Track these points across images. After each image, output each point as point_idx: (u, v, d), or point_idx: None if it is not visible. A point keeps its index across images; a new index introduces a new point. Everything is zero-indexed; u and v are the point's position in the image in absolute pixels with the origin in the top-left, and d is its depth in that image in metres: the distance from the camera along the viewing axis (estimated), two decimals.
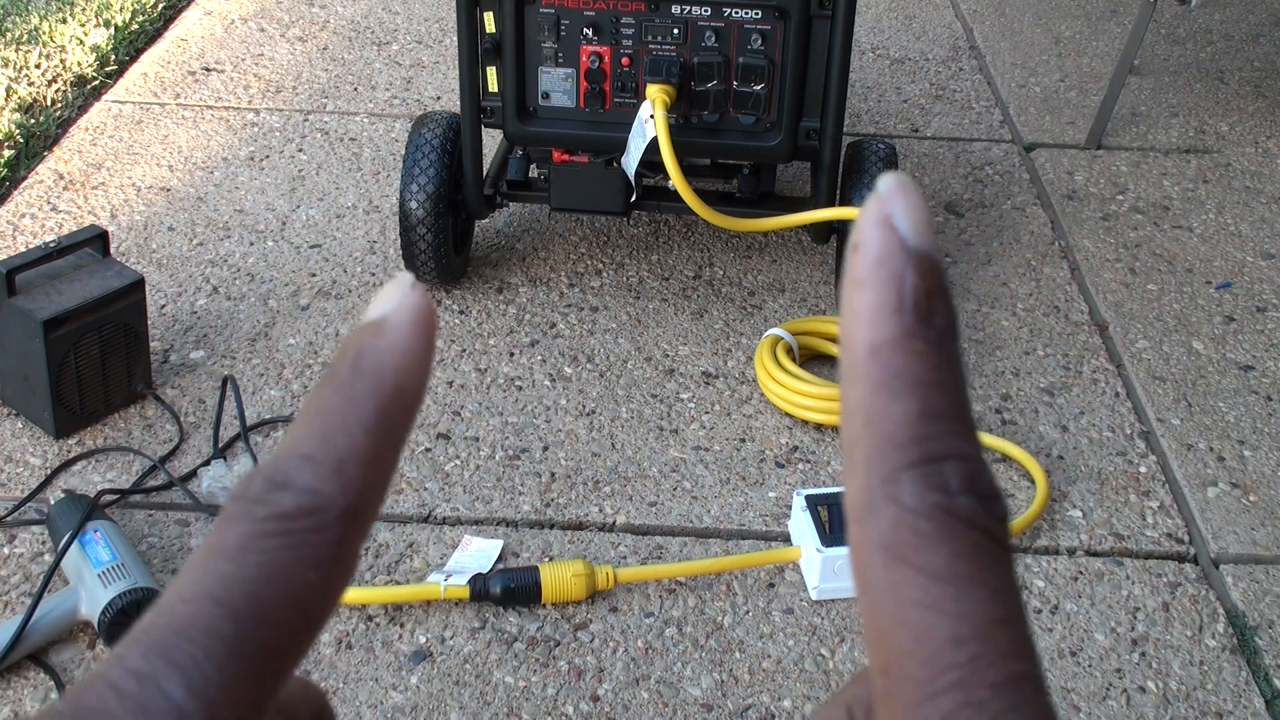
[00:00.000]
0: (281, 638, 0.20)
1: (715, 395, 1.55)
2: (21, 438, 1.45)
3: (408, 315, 0.22)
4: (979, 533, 0.20)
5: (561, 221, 1.90)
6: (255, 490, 0.21)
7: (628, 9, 1.51)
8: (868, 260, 0.21)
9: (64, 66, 2.29)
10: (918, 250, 0.22)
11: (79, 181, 1.97)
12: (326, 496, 0.21)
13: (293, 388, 1.54)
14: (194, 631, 0.19)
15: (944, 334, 0.21)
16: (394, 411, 0.22)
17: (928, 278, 0.21)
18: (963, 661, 0.19)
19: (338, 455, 0.21)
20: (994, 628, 0.19)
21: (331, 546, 0.21)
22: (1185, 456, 1.49)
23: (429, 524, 1.35)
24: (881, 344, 0.21)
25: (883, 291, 0.21)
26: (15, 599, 1.24)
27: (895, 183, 0.22)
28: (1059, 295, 1.78)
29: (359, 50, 2.47)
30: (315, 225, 1.88)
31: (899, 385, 0.21)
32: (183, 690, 0.19)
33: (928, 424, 0.20)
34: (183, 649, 0.19)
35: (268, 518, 0.21)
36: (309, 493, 0.21)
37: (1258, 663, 1.23)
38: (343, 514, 0.21)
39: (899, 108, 2.32)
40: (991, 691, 0.19)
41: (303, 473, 0.21)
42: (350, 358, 0.22)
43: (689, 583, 1.29)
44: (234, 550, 0.21)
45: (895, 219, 0.22)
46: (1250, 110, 2.35)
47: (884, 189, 0.22)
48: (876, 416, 0.21)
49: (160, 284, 1.73)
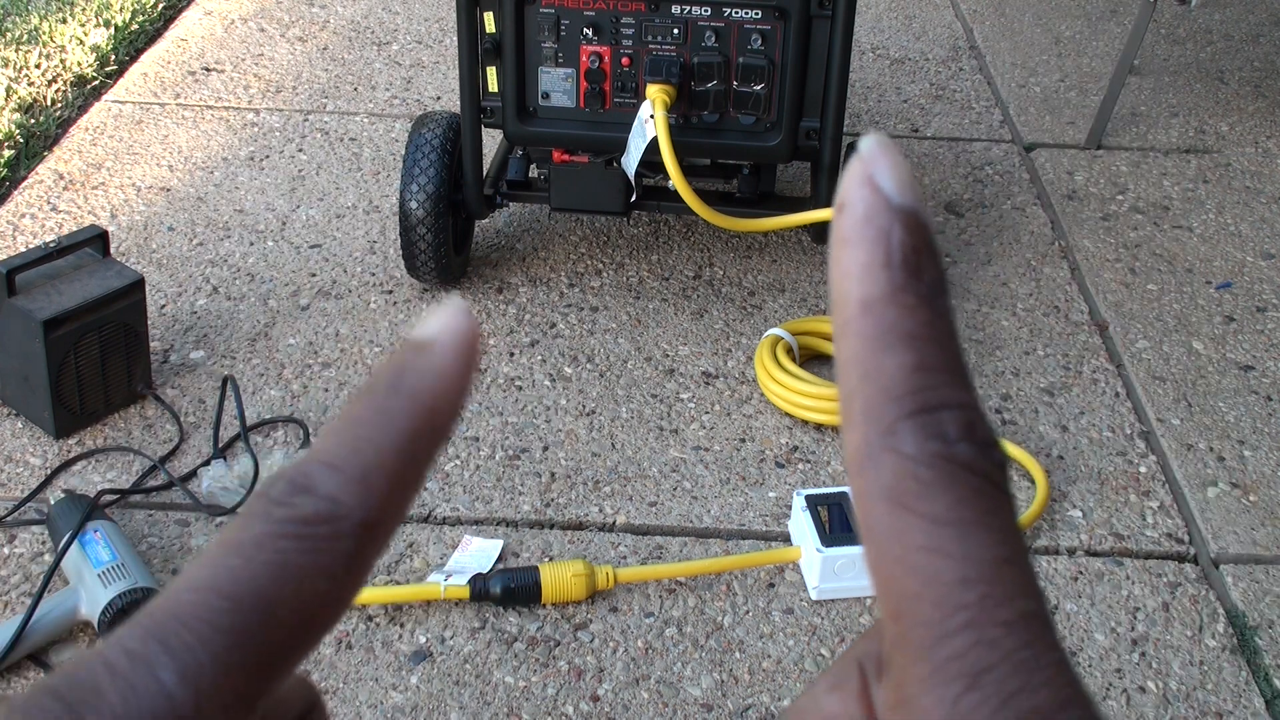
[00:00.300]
0: (282, 638, 0.20)
1: (715, 395, 1.55)
2: (21, 438, 1.45)
3: (454, 339, 0.23)
4: (979, 478, 0.20)
5: (561, 221, 1.90)
6: (278, 491, 0.21)
7: (628, 9, 1.51)
8: (854, 218, 0.22)
9: (64, 66, 2.29)
10: (903, 207, 0.22)
11: (79, 181, 1.97)
12: (347, 506, 0.21)
13: (293, 388, 1.54)
14: (194, 620, 0.19)
15: (934, 288, 0.22)
16: (426, 433, 0.22)
17: (915, 234, 0.22)
18: (972, 601, 0.19)
19: (364, 467, 0.21)
20: (1001, 568, 0.20)
21: (345, 557, 0.21)
22: (1185, 456, 1.49)
23: (429, 524, 1.35)
24: (873, 299, 0.21)
25: (871, 248, 0.22)
26: (15, 599, 1.24)
27: (877, 143, 0.23)
28: (1059, 295, 1.78)
29: (359, 50, 2.47)
30: (315, 225, 1.88)
31: (892, 339, 0.21)
32: (174, 675, 0.19)
33: (923, 376, 0.21)
34: (180, 635, 0.19)
35: (285, 519, 0.21)
36: (330, 500, 0.21)
37: (1258, 663, 1.23)
38: (361, 525, 0.21)
39: (899, 108, 2.32)
40: (1003, 629, 0.19)
41: (326, 480, 0.21)
42: (391, 373, 0.22)
43: (689, 583, 1.29)
44: (248, 547, 0.21)
45: (879, 178, 0.22)
46: (1250, 110, 2.35)
47: (866, 149, 0.23)
48: (872, 370, 0.21)
49: (160, 284, 1.73)
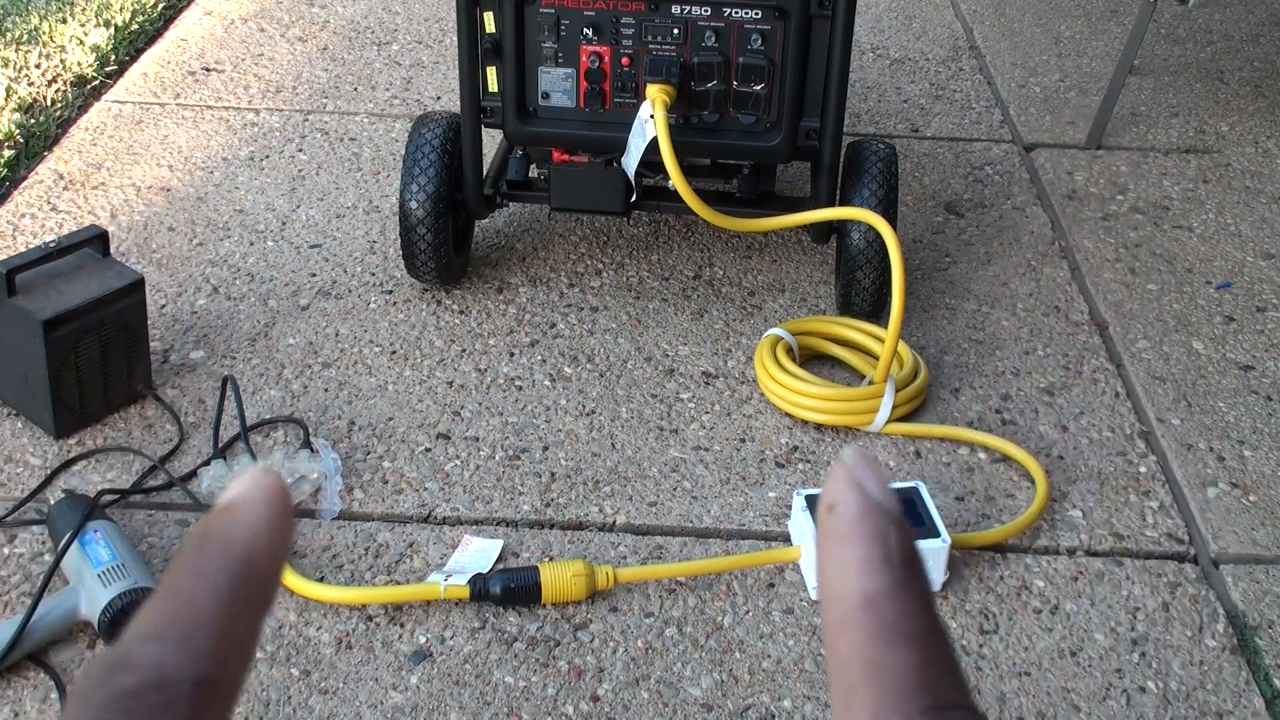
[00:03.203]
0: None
1: (715, 395, 1.55)
2: (21, 438, 1.45)
3: (257, 494, 0.23)
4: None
5: (561, 221, 1.90)
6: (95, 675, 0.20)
7: (628, 9, 1.51)
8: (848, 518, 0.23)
9: (64, 66, 2.29)
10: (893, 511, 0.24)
11: (79, 181, 1.97)
12: (175, 669, 0.20)
13: (293, 388, 1.54)
14: None
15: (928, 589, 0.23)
16: (246, 585, 0.22)
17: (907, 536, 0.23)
18: None
19: (184, 628, 0.21)
20: None
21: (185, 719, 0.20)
22: (1185, 456, 1.49)
23: (429, 524, 1.35)
24: (876, 595, 0.22)
25: (869, 546, 0.23)
26: (15, 599, 1.24)
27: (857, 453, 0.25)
28: (1059, 295, 1.78)
29: (359, 50, 2.47)
30: (315, 225, 1.88)
31: (898, 635, 0.22)
32: None
33: (932, 672, 0.22)
34: None
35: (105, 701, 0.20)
36: (154, 668, 0.20)
37: (1258, 663, 1.23)
38: (195, 685, 0.20)
39: (899, 108, 2.32)
40: None
41: (146, 649, 0.21)
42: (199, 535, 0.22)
43: (689, 583, 1.29)
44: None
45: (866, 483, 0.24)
46: (1250, 110, 2.35)
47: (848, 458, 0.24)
48: (878, 663, 0.22)
49: (160, 284, 1.73)
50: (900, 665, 0.22)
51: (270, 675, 1.17)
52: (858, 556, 0.23)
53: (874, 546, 0.23)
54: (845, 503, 0.23)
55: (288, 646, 1.20)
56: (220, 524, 0.23)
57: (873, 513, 0.23)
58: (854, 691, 0.22)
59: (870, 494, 0.24)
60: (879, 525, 0.23)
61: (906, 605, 0.22)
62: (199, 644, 0.21)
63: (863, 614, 0.22)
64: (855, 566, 0.23)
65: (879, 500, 0.24)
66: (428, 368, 1.58)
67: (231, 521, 0.23)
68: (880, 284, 1.62)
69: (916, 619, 0.22)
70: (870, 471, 0.24)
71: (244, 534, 0.22)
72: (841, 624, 0.22)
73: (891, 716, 0.21)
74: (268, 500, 0.23)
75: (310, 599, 1.24)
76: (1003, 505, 1.40)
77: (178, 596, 0.22)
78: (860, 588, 0.22)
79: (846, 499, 0.23)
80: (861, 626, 0.22)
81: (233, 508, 0.23)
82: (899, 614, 0.22)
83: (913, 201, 2.01)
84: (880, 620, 0.22)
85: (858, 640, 0.22)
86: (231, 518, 0.23)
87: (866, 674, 0.22)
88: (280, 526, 0.23)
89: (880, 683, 0.22)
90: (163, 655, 0.21)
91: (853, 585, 0.23)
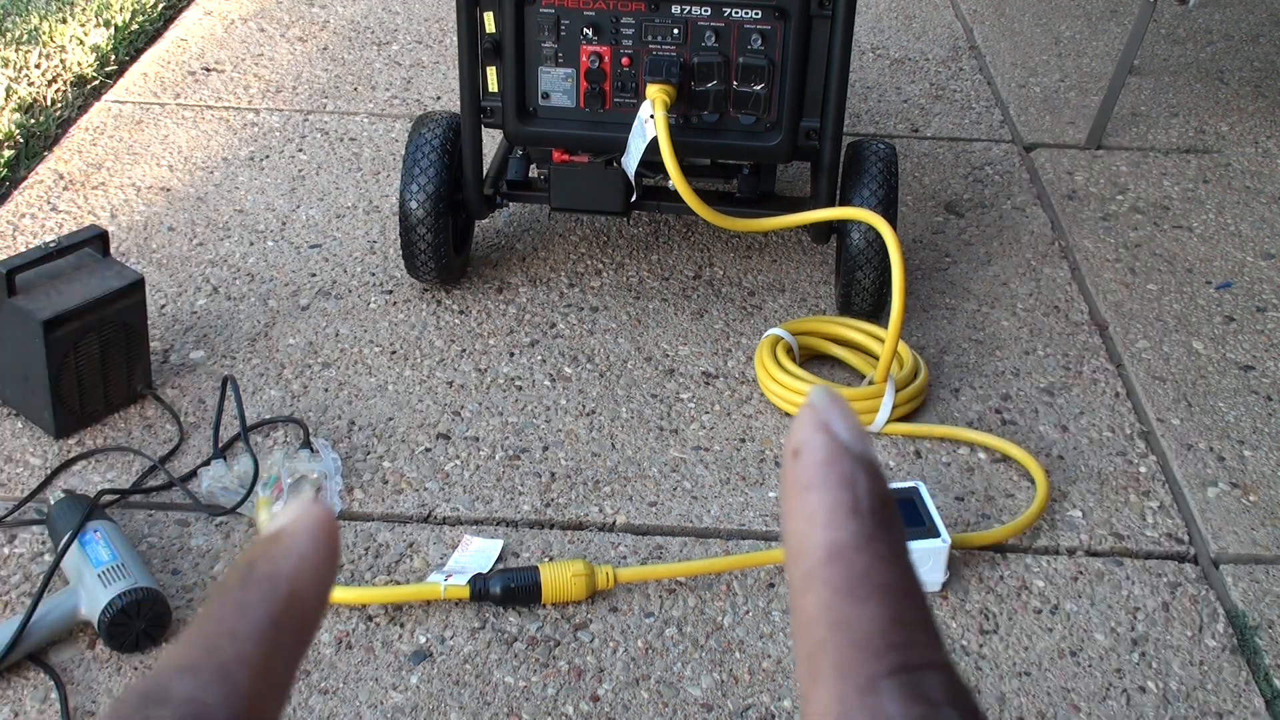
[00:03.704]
0: None
1: (715, 395, 1.55)
2: (21, 438, 1.45)
3: (306, 524, 0.22)
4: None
5: (561, 221, 1.90)
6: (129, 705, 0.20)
7: (628, 9, 1.51)
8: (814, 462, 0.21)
9: (64, 66, 2.29)
10: (863, 454, 0.21)
11: (79, 181, 1.97)
12: (210, 706, 0.20)
13: (293, 388, 1.54)
14: None
15: (902, 539, 0.21)
16: (289, 620, 0.21)
17: (880, 481, 0.21)
18: None
19: (222, 662, 0.20)
20: None
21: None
22: (1185, 456, 1.49)
23: (429, 524, 1.35)
24: (842, 546, 0.20)
25: (836, 493, 0.21)
26: (15, 599, 1.24)
27: (827, 394, 0.22)
28: (1059, 295, 1.78)
29: (359, 50, 2.47)
30: (315, 225, 1.88)
31: (865, 589, 0.20)
32: None
33: (902, 630, 0.20)
34: None
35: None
36: (189, 703, 0.20)
37: (1258, 663, 1.23)
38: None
39: (899, 108, 2.32)
40: None
41: (182, 683, 0.20)
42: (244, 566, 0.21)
43: (689, 583, 1.29)
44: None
45: (834, 425, 0.22)
46: (1250, 110, 2.35)
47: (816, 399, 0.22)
48: (844, 621, 0.20)
49: (160, 284, 1.73)
50: (868, 622, 0.20)
51: None
52: (824, 504, 0.21)
53: (841, 493, 0.21)
54: (811, 447, 0.21)
55: None
56: (266, 555, 0.22)
57: (841, 457, 0.21)
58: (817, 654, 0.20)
59: (839, 437, 0.21)
60: (847, 471, 0.21)
61: (876, 557, 0.20)
62: (237, 680, 0.20)
63: (828, 567, 0.20)
64: (821, 515, 0.21)
65: (848, 443, 0.21)
66: (428, 368, 1.58)
67: (277, 553, 0.22)
68: (880, 284, 1.62)
69: (887, 572, 0.20)
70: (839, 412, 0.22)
71: (289, 567, 0.22)
72: (806, 580, 0.20)
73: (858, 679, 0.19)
74: (315, 532, 0.22)
75: None
76: (1003, 505, 1.40)
77: (218, 629, 0.21)
78: (826, 538, 0.20)
79: (813, 443, 0.21)
80: (827, 581, 0.20)
81: (279, 538, 0.22)
82: (867, 566, 0.20)
83: (913, 201, 2.01)
84: (847, 573, 0.20)
85: (823, 597, 0.20)
86: (277, 549, 0.22)
87: (832, 633, 0.20)
88: (327, 560, 0.22)
89: (846, 641, 0.20)
90: (199, 690, 0.20)
91: (818, 536, 0.21)
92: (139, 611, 1.17)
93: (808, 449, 0.21)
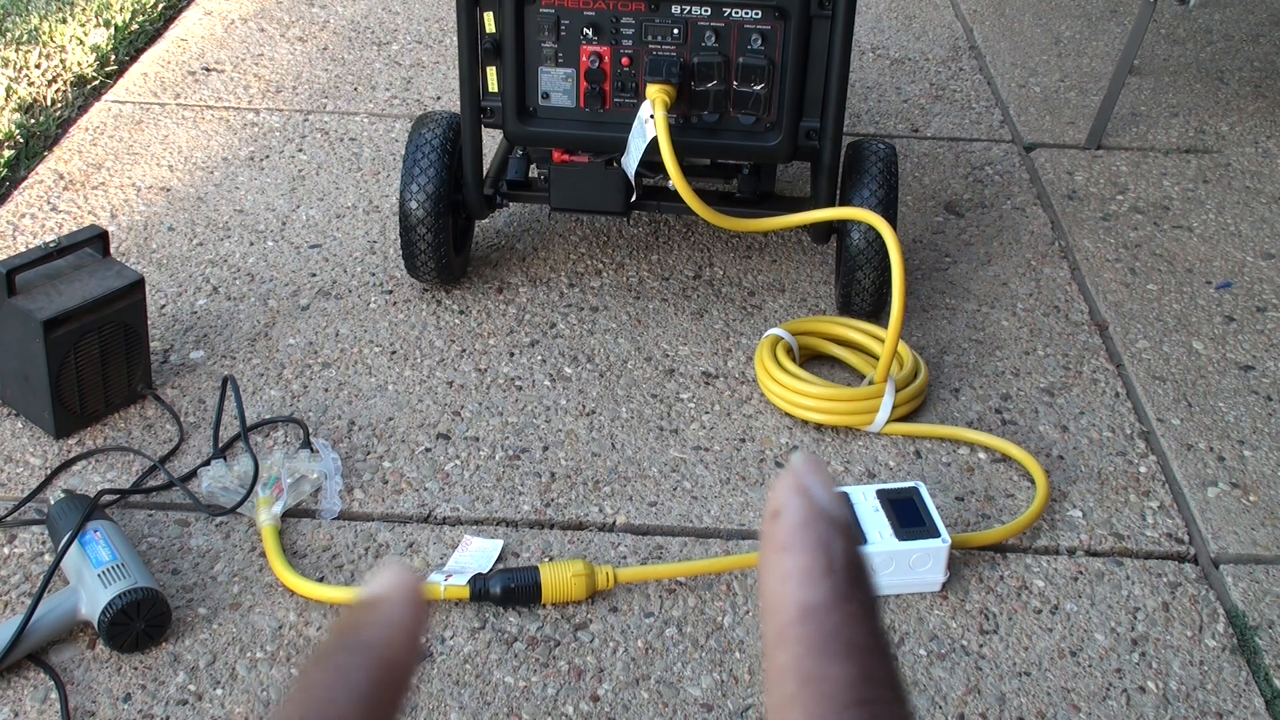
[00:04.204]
0: None
1: (715, 395, 1.55)
2: (21, 438, 1.45)
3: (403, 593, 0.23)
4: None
5: (561, 221, 1.90)
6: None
7: (628, 9, 1.51)
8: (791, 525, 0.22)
9: (64, 66, 2.29)
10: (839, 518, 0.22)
11: (79, 181, 1.97)
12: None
13: (293, 388, 1.54)
14: None
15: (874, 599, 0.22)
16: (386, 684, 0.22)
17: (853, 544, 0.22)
18: None
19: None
20: None
21: None
22: (1185, 456, 1.49)
23: (429, 524, 1.35)
24: (815, 606, 0.21)
25: (811, 555, 0.22)
26: (15, 599, 1.24)
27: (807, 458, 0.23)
28: (1059, 295, 1.78)
29: (359, 50, 2.47)
30: (315, 225, 1.88)
31: (835, 647, 0.21)
32: None
33: (869, 688, 0.20)
34: None
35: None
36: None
37: (1258, 663, 1.23)
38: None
39: (899, 108, 2.32)
40: None
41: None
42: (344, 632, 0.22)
43: (689, 583, 1.29)
44: None
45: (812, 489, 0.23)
46: (1250, 110, 2.35)
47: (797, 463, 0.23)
48: (814, 677, 0.21)
49: (160, 284, 1.73)
50: (836, 680, 0.20)
51: (270, 675, 1.17)
52: (798, 566, 0.22)
53: (816, 555, 0.22)
54: (789, 509, 0.22)
55: (287, 646, 1.20)
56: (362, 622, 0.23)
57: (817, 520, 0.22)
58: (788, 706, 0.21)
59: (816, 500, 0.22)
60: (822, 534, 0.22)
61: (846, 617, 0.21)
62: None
63: (800, 626, 0.21)
64: (795, 576, 0.22)
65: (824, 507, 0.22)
66: (428, 368, 1.58)
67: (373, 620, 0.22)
68: (880, 284, 1.62)
69: (856, 632, 0.21)
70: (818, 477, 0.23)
71: (384, 634, 0.22)
72: (780, 636, 0.21)
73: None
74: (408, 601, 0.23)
75: (310, 599, 1.25)
76: (1003, 505, 1.40)
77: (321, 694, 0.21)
78: (799, 598, 0.21)
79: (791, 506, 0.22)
80: (799, 639, 0.21)
81: (374, 604, 0.23)
82: (837, 626, 0.21)
83: (913, 201, 2.01)
84: (818, 632, 0.21)
85: (795, 653, 0.21)
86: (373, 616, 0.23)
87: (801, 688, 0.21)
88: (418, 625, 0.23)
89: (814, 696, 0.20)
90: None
91: (792, 595, 0.21)
92: (139, 611, 1.17)
93: (785, 511, 0.23)
